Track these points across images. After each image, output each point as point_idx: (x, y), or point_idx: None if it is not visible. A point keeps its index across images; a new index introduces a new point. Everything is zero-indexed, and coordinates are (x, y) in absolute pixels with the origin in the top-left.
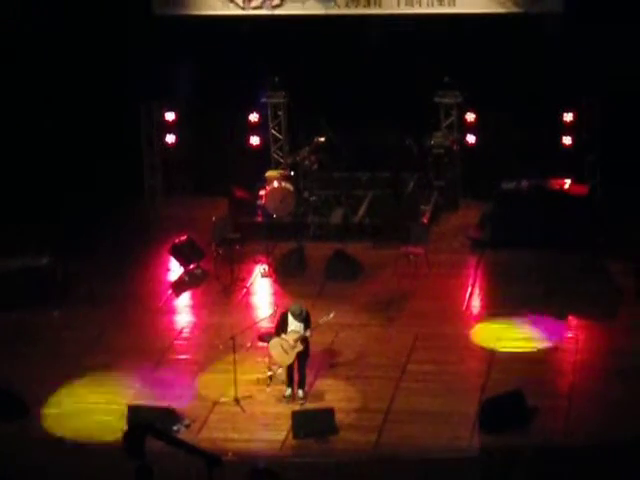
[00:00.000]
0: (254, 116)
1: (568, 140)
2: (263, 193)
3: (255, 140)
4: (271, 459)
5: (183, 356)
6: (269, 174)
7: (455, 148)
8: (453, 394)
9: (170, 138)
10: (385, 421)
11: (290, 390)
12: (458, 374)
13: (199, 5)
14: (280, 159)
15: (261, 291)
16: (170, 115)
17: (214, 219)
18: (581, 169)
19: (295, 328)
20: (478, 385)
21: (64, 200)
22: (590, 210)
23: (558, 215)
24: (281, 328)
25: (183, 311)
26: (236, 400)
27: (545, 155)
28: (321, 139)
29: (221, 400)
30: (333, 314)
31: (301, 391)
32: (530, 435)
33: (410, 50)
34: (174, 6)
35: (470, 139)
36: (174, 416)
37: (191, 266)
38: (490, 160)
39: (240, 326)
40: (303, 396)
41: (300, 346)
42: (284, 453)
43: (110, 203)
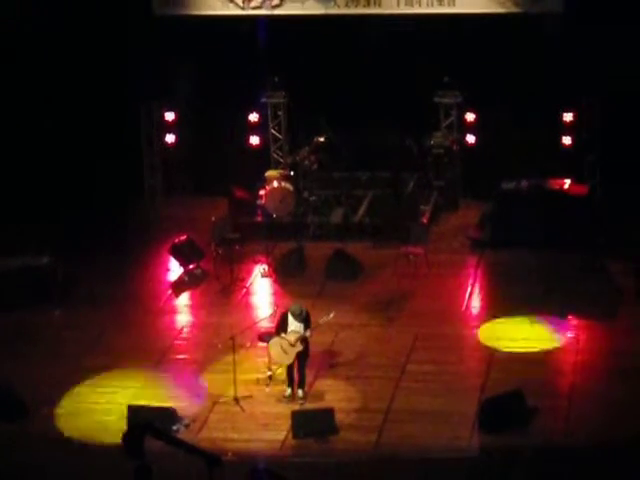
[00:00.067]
0: (254, 116)
1: (568, 140)
2: (263, 193)
3: (255, 140)
4: (271, 459)
5: (183, 356)
6: (269, 174)
7: (455, 148)
8: (453, 394)
9: (170, 138)
10: (385, 421)
11: (290, 390)
12: (458, 374)
13: (199, 5)
14: (280, 159)
15: (261, 291)
16: (170, 115)
17: (214, 219)
18: (581, 169)
19: (295, 328)
20: (478, 385)
21: (64, 200)
22: (590, 210)
23: (558, 215)
24: (281, 328)
25: (183, 311)
26: (236, 400)
27: (545, 155)
28: (321, 139)
29: (221, 400)
30: (333, 314)
31: (301, 391)
32: (530, 435)
33: (410, 50)
34: (174, 6)
35: (470, 139)
36: (174, 416)
37: (191, 266)
38: (490, 160)
39: (240, 326)
40: (303, 396)
41: (300, 346)
42: (284, 453)
43: (110, 203)
